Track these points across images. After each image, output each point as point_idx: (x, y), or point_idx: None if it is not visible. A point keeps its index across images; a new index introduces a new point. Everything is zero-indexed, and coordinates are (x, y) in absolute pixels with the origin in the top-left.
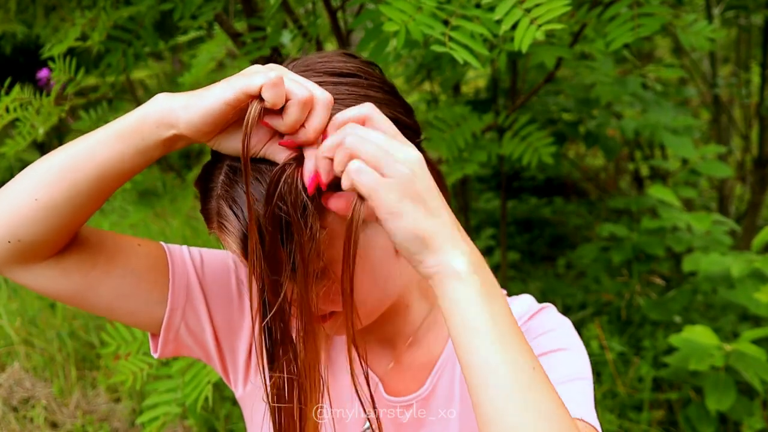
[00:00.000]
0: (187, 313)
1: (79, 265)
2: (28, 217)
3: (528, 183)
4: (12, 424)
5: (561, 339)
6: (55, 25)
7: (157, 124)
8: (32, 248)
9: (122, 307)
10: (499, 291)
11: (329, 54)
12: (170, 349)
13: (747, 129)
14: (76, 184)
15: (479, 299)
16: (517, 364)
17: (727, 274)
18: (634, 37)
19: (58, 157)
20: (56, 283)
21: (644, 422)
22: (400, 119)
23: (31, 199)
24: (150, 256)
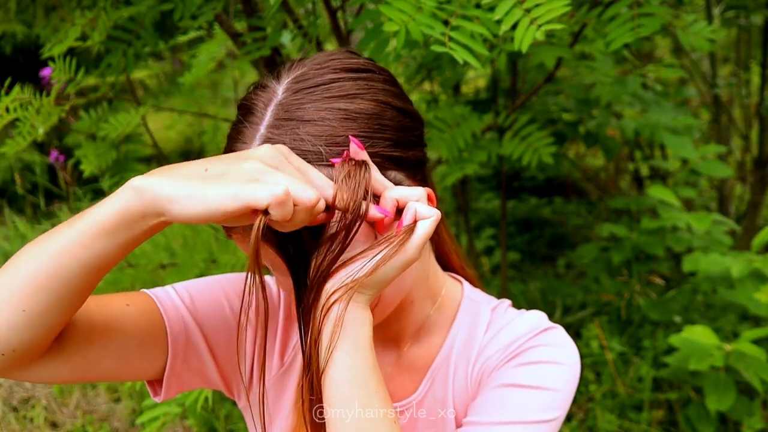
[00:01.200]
0: (188, 354)
1: (77, 349)
2: (19, 328)
3: (528, 183)
4: (12, 424)
5: (541, 375)
6: (55, 25)
7: (143, 215)
8: (29, 353)
9: (128, 370)
10: None
11: (337, 52)
12: (173, 391)
13: (747, 129)
14: (63, 288)
15: None
16: None
17: (727, 274)
18: (634, 37)
19: (39, 261)
20: (59, 371)
21: (644, 422)
22: (413, 111)
23: (18, 310)
24: (143, 314)
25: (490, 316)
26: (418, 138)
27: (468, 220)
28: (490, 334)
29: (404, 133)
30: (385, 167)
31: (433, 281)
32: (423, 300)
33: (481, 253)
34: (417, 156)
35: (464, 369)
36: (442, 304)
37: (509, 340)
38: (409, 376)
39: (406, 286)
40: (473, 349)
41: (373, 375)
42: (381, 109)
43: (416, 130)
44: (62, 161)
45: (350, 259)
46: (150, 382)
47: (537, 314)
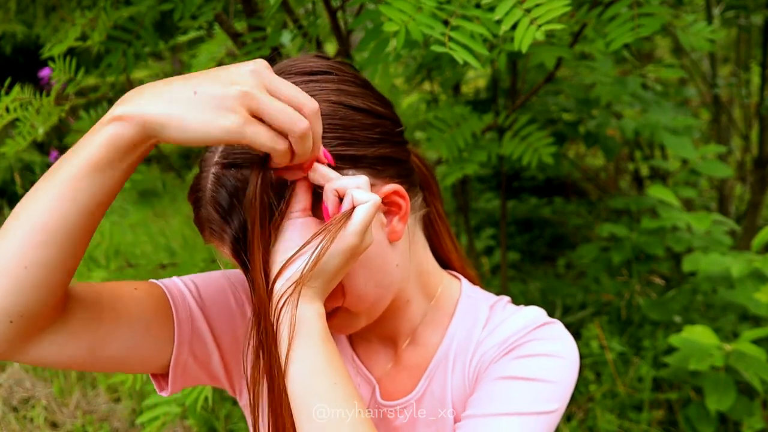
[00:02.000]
0: (194, 344)
1: (86, 324)
2: (24, 288)
3: (528, 183)
4: (12, 424)
5: (538, 368)
6: (55, 25)
7: (134, 144)
8: (36, 317)
9: (135, 357)
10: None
11: (301, 57)
12: (179, 384)
13: (747, 129)
14: (63, 236)
15: None
16: None
17: (727, 274)
18: (634, 37)
19: (36, 216)
20: (68, 348)
21: (644, 422)
22: (375, 109)
23: (20, 268)
24: (150, 299)
25: (488, 312)
26: (384, 135)
27: (468, 220)
28: (487, 331)
29: (361, 131)
30: (340, 166)
31: (428, 279)
32: (419, 298)
33: (481, 253)
34: (381, 153)
35: (462, 366)
36: (439, 302)
37: (506, 335)
38: (408, 373)
39: (388, 283)
40: (471, 347)
41: (329, 368)
42: (332, 110)
43: (378, 128)
44: None
45: (293, 255)
46: (155, 377)
47: (535, 309)
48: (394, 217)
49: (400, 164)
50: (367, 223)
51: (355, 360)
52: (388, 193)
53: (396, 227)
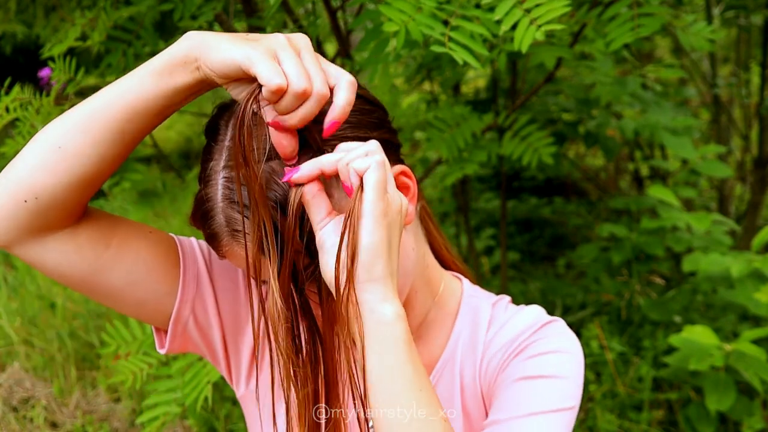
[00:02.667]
0: (197, 306)
1: (94, 244)
2: (49, 168)
3: (528, 183)
4: (12, 424)
5: (551, 364)
6: (55, 25)
7: (184, 60)
8: (50, 209)
9: (132, 295)
10: None
11: None
12: (177, 344)
13: (747, 129)
14: (104, 127)
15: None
16: None
17: (727, 274)
18: (634, 37)
19: (89, 103)
20: (69, 260)
21: (644, 422)
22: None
23: (54, 147)
24: (161, 244)
25: (491, 312)
26: (381, 121)
27: (468, 220)
28: (492, 332)
29: (363, 116)
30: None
31: (432, 273)
32: (424, 292)
33: (481, 253)
34: (384, 138)
35: (471, 369)
36: (442, 300)
37: (512, 336)
38: None
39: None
40: (478, 348)
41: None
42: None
43: (375, 113)
44: None
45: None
46: (158, 332)
47: (536, 309)
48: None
49: (399, 150)
50: (380, 183)
51: None
52: (397, 173)
53: (408, 210)
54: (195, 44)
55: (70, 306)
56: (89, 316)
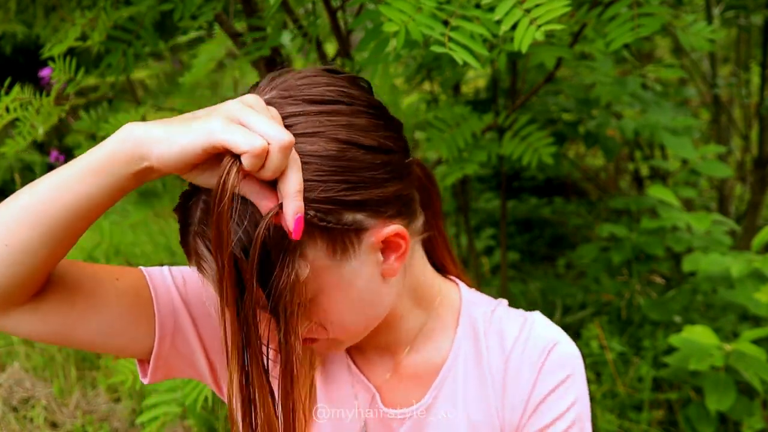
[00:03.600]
0: (177, 339)
1: (57, 308)
2: (1, 263)
3: (528, 183)
4: (12, 424)
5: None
6: (55, 25)
7: (128, 159)
8: (6, 293)
9: (107, 344)
10: None
11: (311, 74)
12: (160, 375)
13: (747, 129)
14: (47, 226)
15: None
16: None
17: (727, 274)
18: (634, 37)
19: (26, 199)
20: (36, 327)
21: (644, 422)
22: (385, 145)
23: (1, 245)
24: (129, 292)
25: (491, 319)
26: (392, 173)
27: (468, 220)
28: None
29: (368, 172)
30: (341, 212)
31: (424, 291)
32: (414, 311)
33: (481, 253)
34: (387, 194)
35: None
36: (438, 311)
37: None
38: (413, 384)
39: (378, 313)
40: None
41: None
42: (340, 150)
43: (388, 166)
44: (62, 161)
45: None
46: (141, 362)
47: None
48: (392, 255)
49: (404, 198)
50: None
51: (352, 368)
52: (390, 234)
53: (393, 265)
54: (138, 141)
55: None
56: None
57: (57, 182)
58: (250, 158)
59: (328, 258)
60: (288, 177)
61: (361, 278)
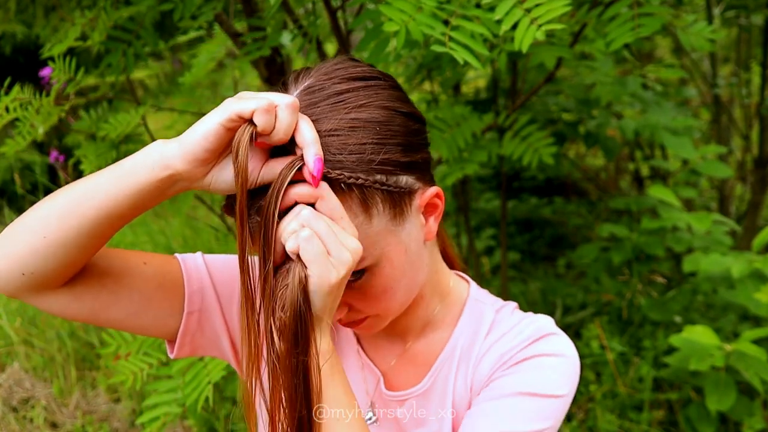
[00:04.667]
0: (203, 318)
1: (89, 290)
2: (39, 253)
3: (528, 183)
4: (12, 424)
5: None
6: (55, 25)
7: (152, 166)
8: (44, 280)
9: (134, 324)
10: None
11: (340, 61)
12: (186, 351)
13: (747, 129)
14: (79, 225)
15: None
16: None
17: (728, 275)
18: (634, 37)
19: (64, 198)
20: (70, 307)
21: (644, 422)
22: (418, 115)
23: (39, 237)
24: (157, 275)
25: (493, 317)
26: (424, 140)
27: (468, 220)
28: (492, 338)
29: (412, 137)
30: (397, 172)
31: (440, 277)
32: (431, 295)
33: (481, 253)
34: (425, 158)
35: (465, 371)
36: (448, 301)
37: (509, 346)
38: (413, 369)
39: (419, 282)
40: (474, 352)
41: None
42: (390, 116)
43: (422, 133)
44: (62, 161)
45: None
46: (169, 342)
47: (541, 319)
48: (431, 217)
49: (431, 165)
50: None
51: (360, 353)
52: (432, 195)
53: (432, 228)
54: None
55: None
56: None
57: (89, 185)
58: (260, 115)
59: (390, 222)
60: (301, 129)
61: (412, 241)
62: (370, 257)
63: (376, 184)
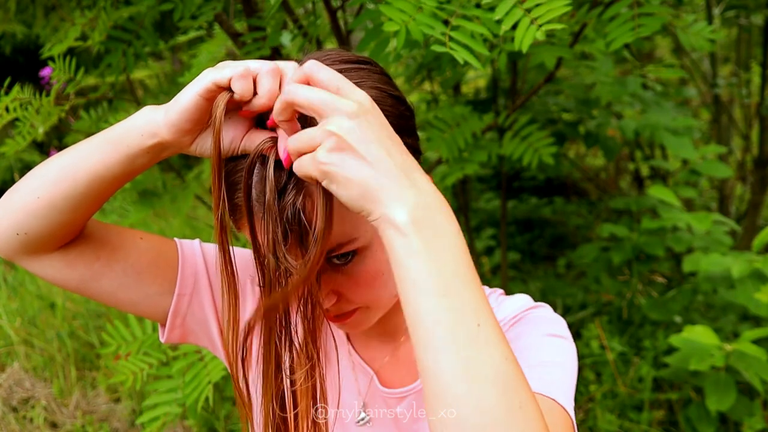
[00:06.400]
0: (194, 301)
1: (83, 258)
2: (33, 213)
3: (528, 183)
4: (12, 424)
5: (551, 327)
6: (55, 25)
7: (141, 132)
8: (38, 241)
9: (124, 298)
10: (449, 241)
11: (330, 49)
12: (177, 335)
13: (747, 129)
14: (72, 187)
15: (419, 252)
16: (457, 320)
17: (728, 275)
18: (634, 37)
19: (58, 161)
20: (62, 273)
21: (644, 422)
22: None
23: (34, 197)
24: (151, 250)
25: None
26: (413, 128)
27: (468, 220)
28: None
29: (404, 120)
30: None
31: None
32: None
33: (481, 253)
34: (416, 144)
35: None
36: None
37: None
38: (407, 367)
39: None
40: None
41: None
42: (382, 97)
43: (411, 119)
44: None
45: None
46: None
47: (523, 296)
48: None
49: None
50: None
51: (352, 353)
52: None
53: None
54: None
55: (70, 306)
56: (89, 316)
57: (81, 150)
58: (237, 81)
59: None
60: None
61: None
62: (362, 238)
63: None
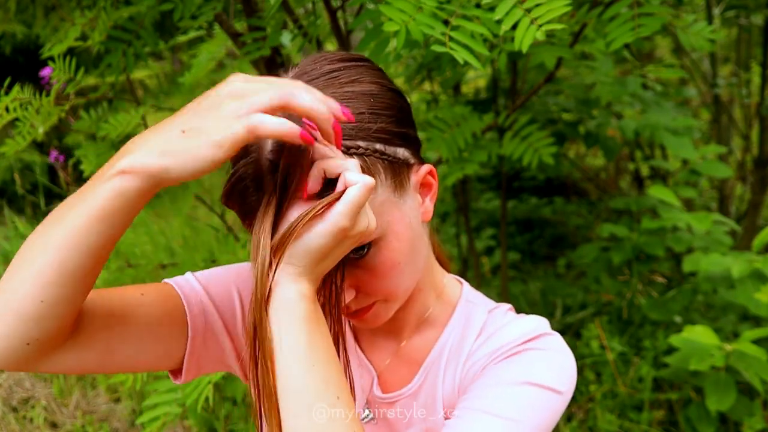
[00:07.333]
0: (208, 337)
1: (96, 337)
2: (39, 318)
3: (528, 183)
4: (12, 425)
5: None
6: (55, 25)
7: (141, 193)
8: (50, 342)
9: (146, 359)
10: None
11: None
12: (192, 374)
13: (747, 129)
14: (75, 275)
15: None
16: None
17: (728, 275)
18: (634, 37)
19: (48, 255)
20: (77, 360)
21: (644, 422)
22: (401, 92)
23: (36, 302)
24: (156, 303)
25: (485, 317)
26: (412, 120)
27: (468, 220)
28: (482, 338)
29: (402, 113)
30: (394, 143)
31: (435, 273)
32: (428, 289)
33: (481, 253)
34: (415, 136)
35: (453, 371)
36: (442, 298)
37: (500, 344)
38: (406, 368)
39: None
40: (463, 352)
41: (316, 357)
42: (382, 90)
43: (409, 113)
44: (62, 161)
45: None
46: (172, 371)
47: (535, 319)
48: (426, 197)
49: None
50: (358, 204)
51: (358, 351)
52: (426, 173)
53: (428, 207)
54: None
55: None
56: None
57: (73, 233)
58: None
59: (393, 194)
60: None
61: (414, 217)
62: (378, 229)
63: (377, 153)
